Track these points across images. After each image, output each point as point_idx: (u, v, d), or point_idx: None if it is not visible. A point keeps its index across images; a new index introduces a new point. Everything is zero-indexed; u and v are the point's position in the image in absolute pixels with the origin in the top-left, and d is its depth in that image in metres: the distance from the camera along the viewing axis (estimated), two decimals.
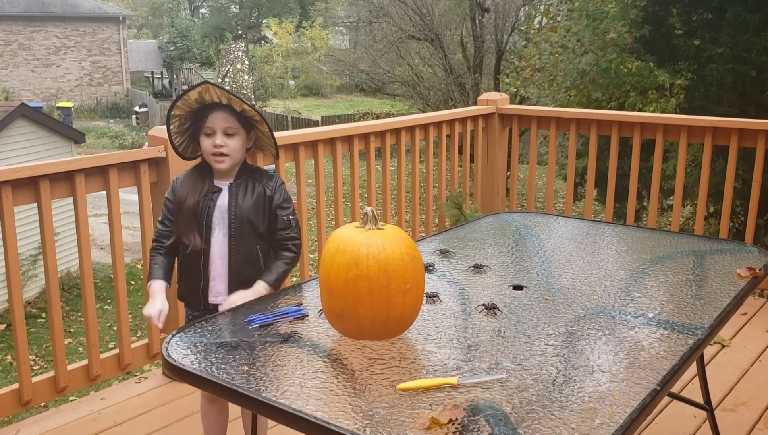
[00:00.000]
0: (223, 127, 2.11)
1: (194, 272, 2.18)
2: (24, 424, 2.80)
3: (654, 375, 1.54)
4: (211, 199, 2.16)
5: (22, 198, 2.66)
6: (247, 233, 2.16)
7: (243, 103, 2.10)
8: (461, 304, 1.95)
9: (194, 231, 2.15)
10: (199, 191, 2.16)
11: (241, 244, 2.16)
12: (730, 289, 2.05)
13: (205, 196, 2.16)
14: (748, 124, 3.85)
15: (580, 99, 8.14)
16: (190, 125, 2.18)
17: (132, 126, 25.74)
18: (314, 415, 1.38)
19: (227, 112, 2.11)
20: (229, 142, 2.12)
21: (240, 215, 2.15)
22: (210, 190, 2.17)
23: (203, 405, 2.35)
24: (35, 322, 9.25)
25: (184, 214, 2.16)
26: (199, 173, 2.20)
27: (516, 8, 16.04)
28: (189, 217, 2.15)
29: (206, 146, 2.14)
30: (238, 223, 2.15)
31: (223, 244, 2.16)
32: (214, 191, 2.17)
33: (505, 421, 1.36)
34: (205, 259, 2.16)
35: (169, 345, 1.69)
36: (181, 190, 2.18)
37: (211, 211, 2.15)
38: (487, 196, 4.72)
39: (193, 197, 2.16)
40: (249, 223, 2.16)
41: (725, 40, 6.86)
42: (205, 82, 2.06)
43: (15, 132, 10.79)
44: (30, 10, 26.60)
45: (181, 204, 2.16)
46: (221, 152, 2.12)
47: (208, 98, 2.09)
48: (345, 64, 22.99)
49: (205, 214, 2.15)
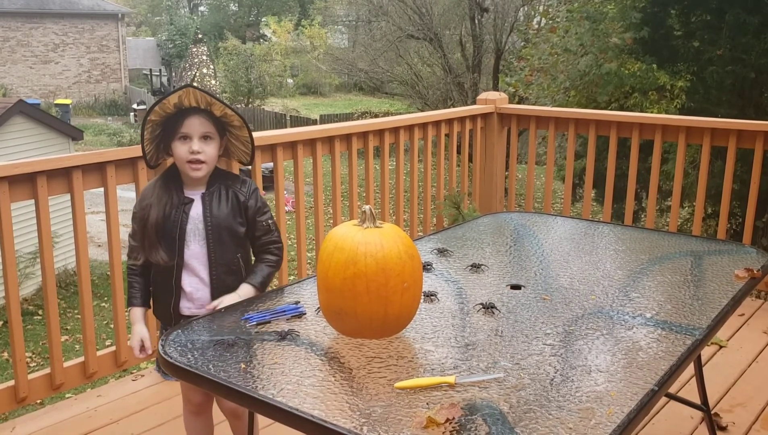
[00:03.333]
0: (200, 132, 2.01)
1: (165, 288, 2.09)
2: (20, 421, 2.79)
3: (651, 375, 1.54)
4: (183, 211, 2.04)
5: (19, 194, 2.65)
6: (226, 242, 2.07)
7: (225, 106, 2.01)
8: (459, 304, 1.94)
9: (159, 247, 2.03)
10: (166, 204, 2.04)
11: (221, 254, 2.07)
12: (728, 289, 2.04)
13: (176, 208, 2.04)
14: (746, 125, 3.85)
15: (579, 99, 8.14)
16: (160, 131, 2.05)
17: (130, 123, 25.72)
18: (311, 414, 1.37)
19: (204, 117, 2.01)
20: (207, 148, 2.02)
21: (217, 224, 2.05)
22: (181, 202, 2.05)
23: (187, 418, 2.26)
24: (32, 319, 9.24)
25: (149, 230, 2.03)
26: (165, 184, 2.07)
27: (515, 8, 16.05)
28: (154, 233, 2.03)
29: (181, 153, 2.01)
30: (216, 232, 2.06)
31: (201, 255, 2.06)
32: (186, 202, 2.05)
33: (502, 420, 1.36)
34: (177, 274, 2.06)
35: (165, 342, 1.69)
36: (146, 202, 2.05)
37: (184, 223, 2.04)
38: (485, 196, 4.71)
39: (159, 211, 2.03)
40: (227, 232, 2.07)
41: (724, 42, 6.86)
42: (188, 86, 1.97)
43: (13, 129, 10.77)
44: (29, 7, 26.56)
45: (144, 220, 2.03)
46: (198, 159, 2.00)
47: (186, 102, 1.98)
48: (344, 62, 22.99)
49: (177, 228, 2.03)
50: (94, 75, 28.70)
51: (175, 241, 2.04)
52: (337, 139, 3.63)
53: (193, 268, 2.08)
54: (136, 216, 2.08)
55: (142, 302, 2.13)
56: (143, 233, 2.05)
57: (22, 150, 10.55)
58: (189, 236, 2.06)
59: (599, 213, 7.11)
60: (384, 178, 4.04)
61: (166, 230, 2.04)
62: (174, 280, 2.08)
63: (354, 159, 3.77)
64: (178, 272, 2.07)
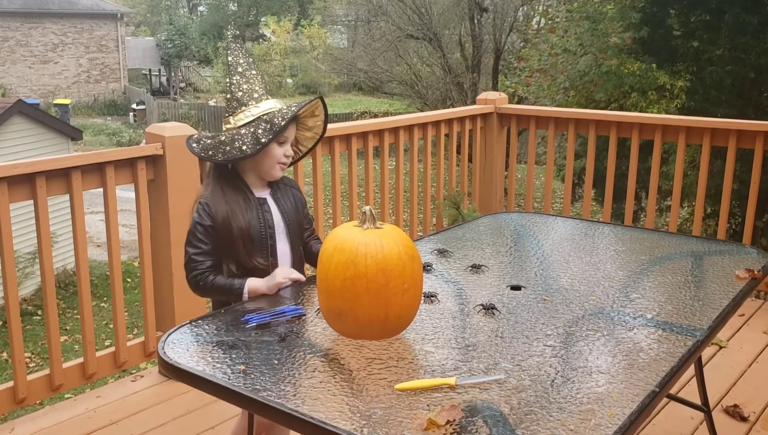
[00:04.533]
0: (293, 137, 2.13)
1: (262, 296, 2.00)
2: (19, 422, 2.79)
3: (653, 376, 1.53)
4: (264, 211, 2.06)
5: (18, 195, 2.64)
6: (299, 238, 2.16)
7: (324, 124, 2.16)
8: (459, 304, 1.94)
9: (256, 251, 2.02)
10: (245, 208, 2.02)
11: (298, 251, 2.15)
12: (728, 290, 2.04)
13: (255, 209, 2.04)
14: (746, 125, 3.85)
15: (579, 99, 8.14)
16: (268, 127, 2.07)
17: (129, 123, 25.70)
18: (311, 415, 1.37)
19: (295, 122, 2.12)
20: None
21: (292, 221, 2.12)
22: (258, 203, 2.06)
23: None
24: (31, 319, 9.23)
25: (238, 235, 1.99)
26: (232, 189, 2.04)
27: (514, 8, 16.04)
28: (246, 238, 2.00)
29: (278, 154, 2.05)
30: (294, 230, 2.12)
31: (287, 254, 2.11)
32: (262, 203, 2.07)
33: (503, 422, 1.35)
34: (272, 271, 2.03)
35: (165, 343, 1.68)
36: (223, 210, 1.99)
37: (270, 221, 2.06)
38: (485, 196, 4.71)
39: (242, 215, 2.00)
40: (299, 227, 2.15)
41: (724, 42, 6.86)
42: (318, 98, 2.09)
43: (12, 129, 10.76)
44: (28, 7, 26.54)
45: (228, 227, 1.98)
46: (288, 161, 2.10)
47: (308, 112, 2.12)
48: (343, 62, 22.98)
49: (266, 227, 2.04)
50: (94, 75, 28.68)
51: (266, 243, 2.05)
52: (337, 139, 3.63)
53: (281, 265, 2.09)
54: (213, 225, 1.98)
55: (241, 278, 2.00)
56: (230, 247, 1.99)
57: (21, 150, 10.54)
58: (277, 236, 2.09)
59: (599, 213, 7.11)
60: (384, 178, 4.04)
61: (254, 234, 2.03)
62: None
63: (353, 159, 3.77)
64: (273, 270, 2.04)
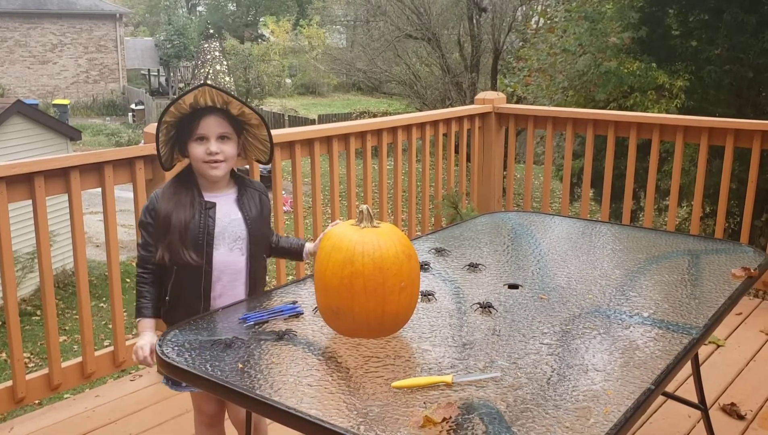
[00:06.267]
0: (217, 132, 1.96)
1: (193, 294, 1.99)
2: (18, 421, 2.79)
3: (648, 374, 1.54)
4: (208, 216, 1.97)
5: (17, 194, 2.65)
6: (261, 247, 2.07)
7: (243, 105, 1.96)
8: (456, 303, 1.94)
9: (189, 248, 1.95)
10: (187, 206, 1.97)
11: (258, 260, 2.05)
12: (725, 288, 2.05)
13: (199, 212, 1.97)
14: (743, 124, 3.86)
15: (578, 99, 8.15)
16: (174, 132, 1.99)
17: (128, 123, 25.70)
18: (308, 413, 1.37)
19: (221, 117, 1.96)
20: (225, 148, 1.97)
21: (254, 229, 2.02)
22: (204, 206, 1.98)
23: (200, 430, 2.20)
24: (30, 319, 9.23)
25: (175, 231, 1.94)
26: (182, 187, 2.00)
27: (513, 8, 16.06)
28: (182, 234, 1.94)
29: (198, 153, 1.96)
30: (255, 238, 2.02)
31: (232, 262, 2.01)
32: (208, 207, 1.98)
33: (499, 419, 1.36)
34: (207, 279, 1.99)
35: (163, 342, 1.69)
36: (167, 206, 1.97)
37: (211, 227, 1.97)
38: (483, 196, 4.72)
39: (182, 213, 1.96)
40: (262, 236, 2.06)
41: (722, 42, 6.87)
42: (203, 85, 1.92)
43: (11, 129, 10.77)
44: (26, 7, 26.54)
45: (167, 222, 1.95)
46: (216, 159, 1.96)
47: (202, 102, 1.93)
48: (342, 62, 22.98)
49: (204, 233, 1.96)
50: (92, 75, 28.69)
51: (201, 247, 1.96)
52: (335, 138, 3.64)
53: (220, 275, 2.01)
54: (153, 223, 1.98)
55: (153, 313, 2.02)
56: (166, 235, 1.96)
57: (20, 150, 10.55)
58: (217, 241, 1.98)
59: (597, 212, 7.12)
60: (382, 178, 4.04)
61: (191, 235, 1.96)
62: (203, 287, 2.00)
63: (352, 159, 3.77)
64: (207, 278, 1.99)
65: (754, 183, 3.83)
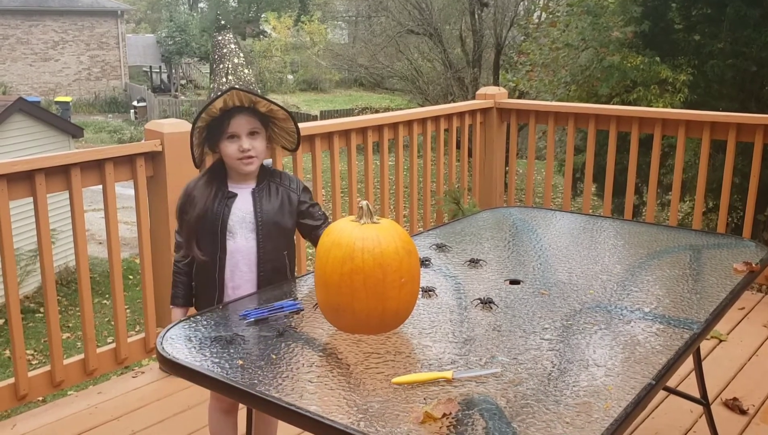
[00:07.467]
0: (247, 129, 2.05)
1: (209, 283, 2.09)
2: (20, 418, 2.80)
3: (649, 369, 1.54)
4: (226, 205, 2.06)
5: (18, 192, 2.65)
6: (274, 238, 2.09)
7: (270, 103, 2.05)
8: (457, 299, 1.94)
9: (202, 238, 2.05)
10: (208, 198, 2.06)
11: (269, 250, 2.09)
12: (726, 283, 2.04)
13: (219, 201, 2.06)
14: (746, 118, 3.84)
15: (580, 94, 8.13)
16: (206, 134, 2.08)
17: (130, 120, 25.72)
18: (308, 409, 1.37)
19: (249, 114, 2.05)
20: (255, 143, 2.06)
21: (266, 220, 2.07)
22: (225, 196, 2.07)
23: (215, 417, 2.22)
24: (33, 316, 9.25)
25: (191, 223, 2.06)
26: (210, 179, 2.10)
27: (515, 3, 16.03)
28: (194, 226, 2.06)
29: (232, 151, 2.05)
30: (266, 228, 2.07)
31: (247, 251, 2.07)
32: (229, 196, 2.08)
33: (499, 415, 1.36)
34: (221, 268, 2.07)
35: (164, 339, 1.69)
36: (193, 196, 2.08)
37: (226, 217, 2.05)
38: (485, 191, 4.71)
39: (201, 205, 2.06)
40: (275, 227, 2.09)
41: (725, 36, 6.84)
42: (232, 89, 2.00)
43: (13, 126, 10.78)
44: (28, 4, 26.55)
45: (186, 214, 2.08)
46: (249, 155, 2.05)
47: (231, 103, 2.02)
48: (344, 58, 22.98)
49: (219, 221, 2.05)
50: (94, 72, 28.70)
51: (217, 235, 2.05)
52: (337, 134, 3.63)
53: (238, 264, 2.08)
54: (179, 211, 2.10)
55: (184, 302, 2.14)
56: (184, 227, 2.08)
57: (22, 148, 10.56)
58: (234, 230, 2.07)
59: (600, 207, 7.11)
60: (383, 173, 4.04)
61: (208, 224, 2.05)
62: (217, 275, 2.08)
63: (353, 155, 3.77)
64: (221, 266, 2.07)
65: (756, 177, 3.82)
